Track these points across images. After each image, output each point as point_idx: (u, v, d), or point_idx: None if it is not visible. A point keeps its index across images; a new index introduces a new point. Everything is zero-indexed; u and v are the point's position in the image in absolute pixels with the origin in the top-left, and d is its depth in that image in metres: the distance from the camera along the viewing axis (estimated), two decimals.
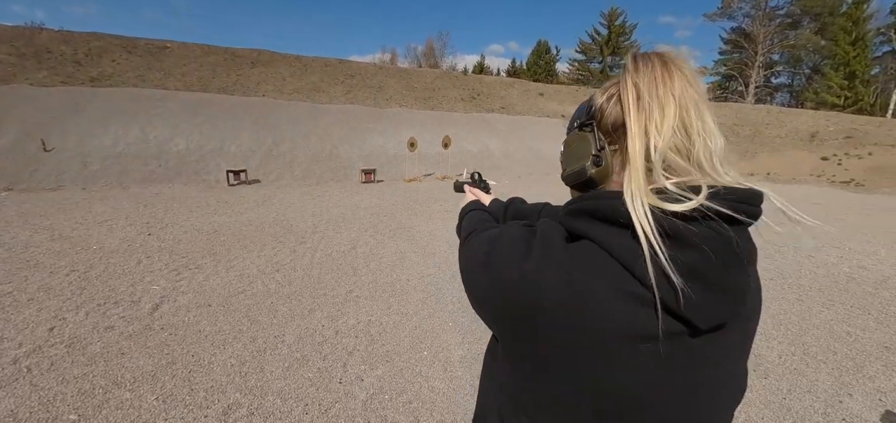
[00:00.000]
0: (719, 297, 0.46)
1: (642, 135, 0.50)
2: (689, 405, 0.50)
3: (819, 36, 34.40)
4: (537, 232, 0.54)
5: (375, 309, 3.44)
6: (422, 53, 51.33)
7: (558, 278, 0.47)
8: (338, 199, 8.96)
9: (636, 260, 0.45)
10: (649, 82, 0.51)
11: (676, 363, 0.47)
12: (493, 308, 0.55)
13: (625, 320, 0.46)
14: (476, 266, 0.58)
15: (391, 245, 5.39)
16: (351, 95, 19.42)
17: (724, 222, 0.45)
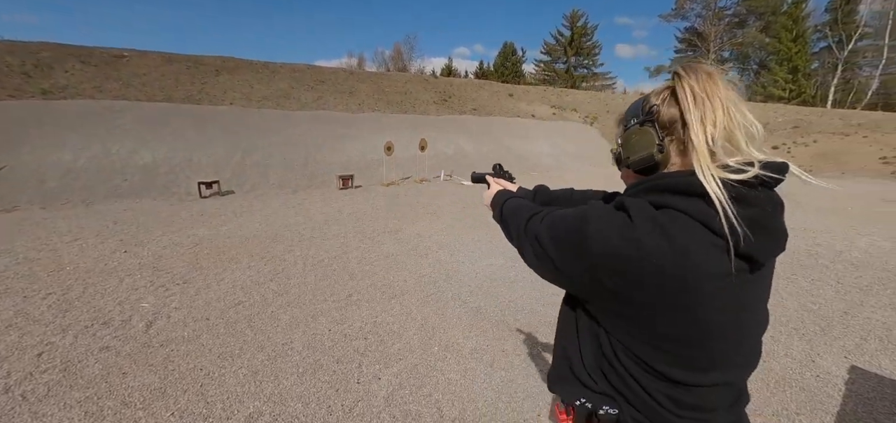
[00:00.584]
0: (773, 239, 0.64)
1: (701, 125, 0.64)
2: (752, 323, 0.69)
3: (764, 34, 36.91)
4: (626, 205, 0.67)
5: (378, 311, 3.48)
6: (390, 57, 51.12)
7: (660, 240, 0.62)
8: (319, 206, 8.85)
9: (713, 219, 0.61)
10: (701, 86, 0.66)
11: (743, 291, 0.65)
12: (593, 271, 0.67)
13: (712, 263, 0.62)
14: (573, 238, 0.71)
15: (381, 248, 5.42)
16: (322, 101, 19.13)
17: (769, 185, 0.62)
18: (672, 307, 0.64)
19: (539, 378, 2.53)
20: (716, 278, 0.62)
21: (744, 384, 0.74)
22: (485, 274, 4.42)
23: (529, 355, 2.81)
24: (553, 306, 3.62)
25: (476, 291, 3.95)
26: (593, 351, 0.76)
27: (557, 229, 0.75)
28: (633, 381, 0.71)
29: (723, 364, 0.68)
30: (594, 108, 27.33)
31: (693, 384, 0.68)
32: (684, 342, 0.66)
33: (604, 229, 0.66)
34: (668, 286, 0.62)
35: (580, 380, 0.79)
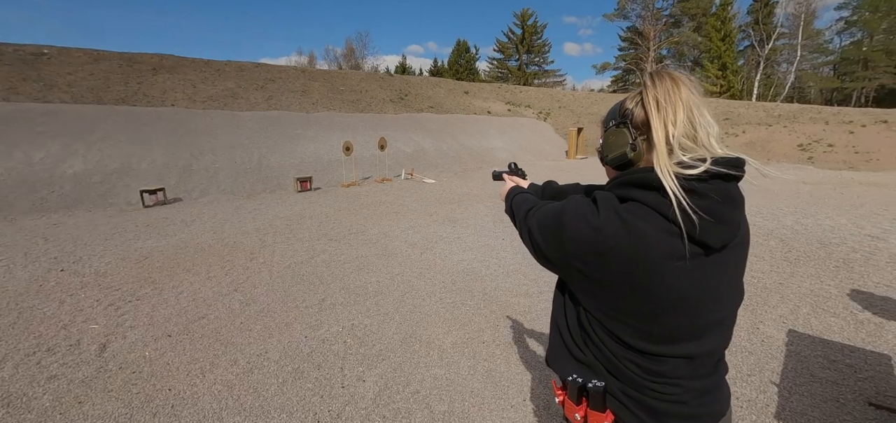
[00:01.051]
0: (724, 226, 0.71)
1: (663, 128, 0.73)
2: (708, 302, 0.76)
3: (697, 33, 39.89)
4: (596, 199, 0.78)
5: (355, 313, 3.44)
6: (342, 55, 49.90)
7: (619, 226, 0.72)
8: (277, 210, 8.51)
9: (668, 209, 0.69)
10: (664, 93, 0.74)
11: (698, 273, 0.73)
12: (568, 256, 0.78)
13: (665, 247, 0.70)
14: (553, 227, 0.82)
15: (349, 251, 5.33)
16: (273, 101, 18.34)
17: (722, 179, 0.70)
18: (631, 286, 0.73)
19: (521, 365, 2.63)
20: (669, 260, 0.71)
21: (713, 355, 0.81)
22: (457, 270, 4.49)
23: (509, 343, 2.91)
24: (525, 296, 3.76)
25: (450, 287, 4.00)
26: (576, 325, 0.87)
27: (544, 221, 0.85)
28: (607, 351, 0.81)
29: (680, 338, 0.76)
30: (547, 104, 28.27)
31: (655, 353, 0.77)
32: (644, 317, 0.75)
33: (575, 219, 0.77)
34: (628, 268, 0.72)
35: (570, 351, 0.89)
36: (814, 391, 2.37)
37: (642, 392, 0.79)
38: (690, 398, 0.79)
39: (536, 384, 2.43)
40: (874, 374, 2.54)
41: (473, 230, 6.27)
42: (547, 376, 2.52)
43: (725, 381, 0.87)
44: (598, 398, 0.82)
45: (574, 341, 0.88)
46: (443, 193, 10.36)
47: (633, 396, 0.80)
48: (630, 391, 0.80)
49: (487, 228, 6.46)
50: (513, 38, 47.88)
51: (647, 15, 41.97)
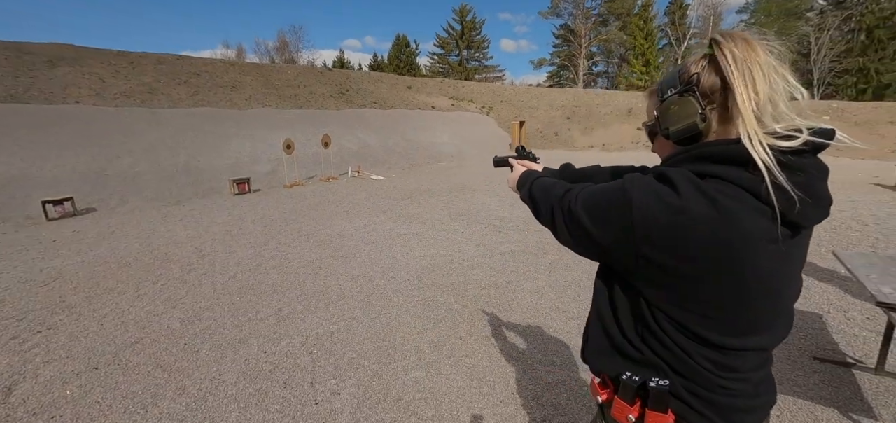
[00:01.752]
0: (820, 205, 0.65)
1: (746, 90, 0.64)
2: (788, 287, 0.71)
3: (622, 32, 42.79)
4: (670, 175, 0.67)
5: (318, 321, 3.19)
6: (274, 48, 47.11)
7: (707, 207, 0.62)
8: (213, 215, 7.78)
9: (758, 186, 0.61)
10: (742, 52, 0.65)
11: (786, 255, 0.66)
12: (636, 241, 0.67)
13: (756, 228, 0.62)
14: (615, 207, 0.70)
15: (302, 254, 4.98)
16: (200, 97, 16.80)
17: (816, 151, 0.63)
18: (719, 273, 0.64)
19: (503, 358, 2.58)
20: (762, 244, 0.63)
21: (779, 343, 0.77)
22: (421, 266, 4.36)
23: (487, 337, 2.85)
24: (494, 287, 3.73)
25: (417, 283, 3.87)
26: (633, 322, 0.77)
27: (597, 202, 0.74)
28: (677, 348, 0.71)
29: (763, 328, 0.71)
30: (489, 98, 28.80)
31: (736, 348, 0.70)
32: (729, 307, 0.67)
33: (648, 201, 0.66)
34: (717, 253, 0.63)
35: (622, 352, 0.79)
36: None
37: (712, 390, 0.72)
38: (754, 390, 0.74)
39: (521, 376, 2.39)
40: (813, 331, 2.82)
41: (431, 225, 6.16)
42: (530, 366, 2.49)
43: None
44: (662, 398, 0.73)
45: (626, 337, 0.78)
46: (393, 189, 10.12)
47: (700, 394, 0.72)
48: (698, 389, 0.72)
49: (445, 222, 6.38)
50: (453, 34, 48.17)
51: (578, 13, 44.27)
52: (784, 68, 0.66)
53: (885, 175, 10.68)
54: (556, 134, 23.81)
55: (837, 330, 2.85)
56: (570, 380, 2.34)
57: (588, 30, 44.10)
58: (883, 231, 5.42)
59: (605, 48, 46.17)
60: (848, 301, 3.29)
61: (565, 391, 2.25)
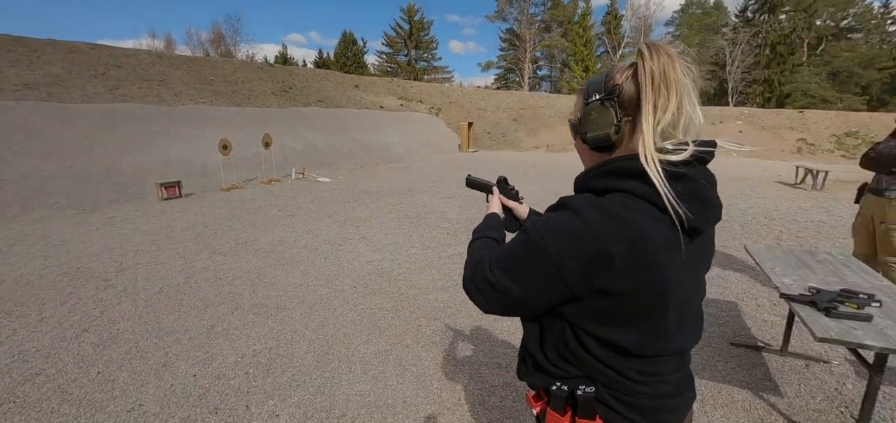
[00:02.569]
0: (710, 209, 0.70)
1: (653, 112, 0.67)
2: (694, 291, 0.77)
3: (564, 38, 44.86)
4: (569, 205, 0.71)
5: (256, 337, 2.99)
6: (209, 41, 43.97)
7: (609, 222, 0.65)
8: (137, 223, 7.08)
9: (655, 196, 0.65)
10: (660, 69, 0.67)
11: (690, 260, 0.71)
12: (567, 284, 0.69)
13: (658, 235, 0.66)
14: (532, 259, 0.71)
15: (239, 264, 4.66)
16: (120, 91, 15.25)
17: (703, 161, 0.69)
18: (636, 284, 0.67)
19: (450, 364, 2.57)
20: (666, 250, 0.66)
21: (694, 343, 0.82)
22: (368, 272, 4.25)
23: (434, 343, 2.83)
24: (441, 291, 3.73)
25: (363, 291, 3.76)
26: (557, 345, 0.79)
27: (511, 264, 0.75)
28: (601, 364, 0.74)
29: (679, 332, 0.74)
30: (438, 99, 28.94)
31: (657, 354, 0.74)
32: (649, 316, 0.70)
33: (558, 240, 0.68)
34: (627, 263, 0.65)
35: (548, 372, 0.81)
36: None
37: (636, 395, 0.75)
38: (675, 390, 0.79)
39: (468, 381, 2.40)
40: (730, 318, 3.10)
41: (379, 229, 6.04)
42: (476, 370, 2.51)
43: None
44: (588, 405, 0.76)
45: (550, 361, 0.80)
46: (340, 191, 9.84)
47: (625, 400, 0.76)
48: (623, 396, 0.76)
49: (393, 224, 6.29)
50: (401, 33, 47.83)
51: (522, 19, 45.78)
52: (694, 93, 0.69)
53: (785, 174, 12.11)
54: (503, 135, 24.43)
55: (750, 317, 3.16)
56: (516, 382, 2.39)
57: (532, 35, 45.75)
58: (785, 224, 6.13)
59: (548, 53, 48.16)
60: (758, 289, 3.66)
61: (510, 394, 2.29)
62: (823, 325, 1.56)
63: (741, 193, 8.95)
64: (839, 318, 1.62)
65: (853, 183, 10.42)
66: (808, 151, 19.24)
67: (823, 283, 2.03)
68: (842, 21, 36.94)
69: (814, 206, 7.69)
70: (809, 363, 2.51)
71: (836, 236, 5.54)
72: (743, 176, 12.02)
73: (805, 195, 8.84)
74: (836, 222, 6.32)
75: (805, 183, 10.16)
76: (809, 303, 1.73)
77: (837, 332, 1.51)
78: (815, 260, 2.39)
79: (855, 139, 19.79)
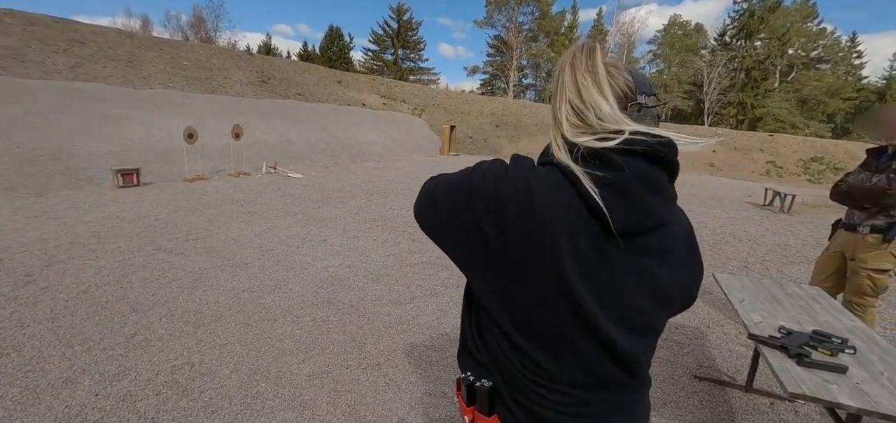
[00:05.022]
0: (634, 208, 0.62)
1: (559, 97, 0.68)
2: (607, 299, 0.64)
3: (550, 49, 45.36)
4: (513, 160, 0.69)
5: (179, 350, 2.66)
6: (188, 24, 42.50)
7: (521, 182, 0.63)
8: (83, 212, 6.55)
9: (575, 180, 0.61)
10: (560, 65, 0.69)
11: (597, 262, 0.63)
12: (472, 217, 0.66)
13: (566, 219, 0.61)
14: (461, 186, 0.70)
15: (183, 264, 4.29)
16: (83, 69, 14.41)
17: (641, 158, 0.61)
18: (522, 256, 0.63)
19: (390, 391, 2.31)
20: (567, 235, 0.61)
21: (623, 365, 0.69)
22: (322, 278, 3.95)
23: (377, 365, 2.57)
24: (396, 304, 3.47)
25: (311, 300, 3.47)
26: (476, 322, 0.77)
27: (450, 185, 0.73)
28: (494, 345, 0.72)
29: (568, 334, 0.66)
30: (422, 100, 28.67)
31: (540, 349, 0.68)
32: (530, 302, 0.66)
33: (487, 173, 0.68)
34: (522, 228, 0.62)
35: (469, 351, 0.79)
36: (653, 372, 2.62)
37: (528, 396, 0.70)
38: (589, 413, 0.69)
39: (407, 413, 2.15)
40: (695, 348, 2.95)
41: (342, 231, 5.74)
42: (419, 400, 2.26)
43: (645, 401, 0.77)
44: (484, 398, 0.73)
45: (473, 337, 0.78)
46: (310, 188, 9.46)
47: (519, 399, 0.71)
48: (516, 394, 0.71)
49: (359, 227, 5.99)
50: (389, 31, 47.40)
51: (511, 27, 46.07)
52: (594, 89, 0.65)
53: (755, 195, 12.36)
54: (484, 141, 24.37)
55: (715, 347, 3.03)
56: (459, 416, 2.15)
57: (519, 43, 46.10)
58: (753, 247, 6.14)
59: (534, 62, 48.60)
60: (725, 317, 3.55)
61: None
62: (795, 376, 1.39)
63: (712, 213, 9.02)
64: (812, 368, 1.45)
65: (817, 207, 10.71)
66: (776, 174, 19.85)
67: (794, 321, 1.88)
68: (812, 52, 38.66)
69: (781, 228, 7.79)
70: (774, 402, 2.37)
71: (802, 261, 5.56)
72: (715, 195, 12.20)
73: (773, 217, 8.98)
74: (802, 246, 6.38)
75: (773, 205, 10.36)
76: (780, 347, 1.56)
77: (811, 386, 1.34)
78: (785, 293, 2.25)
79: (820, 165, 20.56)
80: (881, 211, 2.37)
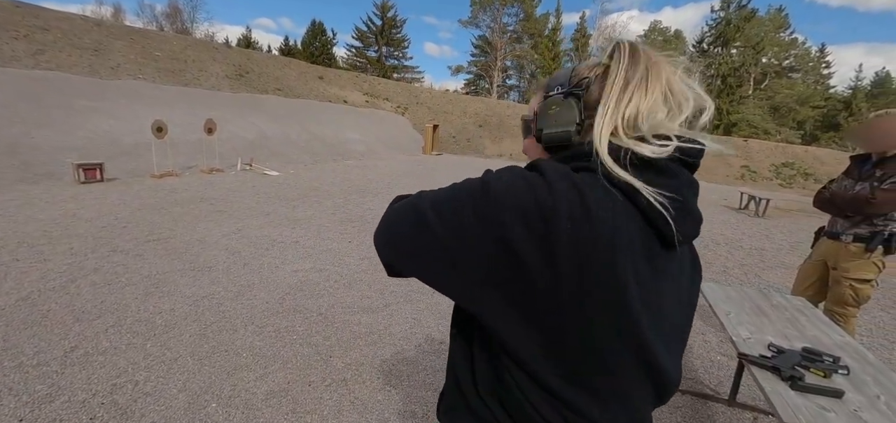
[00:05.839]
0: (690, 216, 0.57)
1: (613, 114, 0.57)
2: (655, 317, 0.56)
3: (534, 50, 45.63)
4: (536, 166, 0.56)
5: (123, 365, 2.41)
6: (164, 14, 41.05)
7: (573, 193, 0.51)
8: (37, 209, 6.11)
9: (633, 190, 0.53)
10: (639, 76, 0.58)
11: (651, 276, 0.55)
12: (498, 241, 0.52)
13: (626, 231, 0.52)
14: (468, 193, 0.56)
15: (141, 266, 3.98)
16: (45, 57, 13.66)
17: (684, 165, 0.57)
18: (578, 285, 0.51)
19: (355, 410, 2.13)
20: (631, 253, 0.52)
21: (658, 390, 0.61)
22: (290, 283, 3.72)
23: (342, 381, 2.37)
24: (368, 311, 3.28)
25: (276, 308, 3.24)
26: (489, 374, 0.62)
27: (448, 197, 0.58)
28: (525, 403, 0.57)
29: (634, 373, 0.57)
30: (405, 99, 28.38)
31: (598, 402, 0.57)
32: (601, 342, 0.54)
33: (512, 182, 0.54)
34: (582, 255, 0.50)
35: (471, 410, 0.64)
36: None
37: None
38: None
39: None
40: None
41: (317, 232, 5.49)
42: (386, 421, 2.08)
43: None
44: None
45: (479, 394, 0.62)
46: (286, 187, 9.14)
47: None
48: None
49: (334, 228, 5.76)
50: (373, 28, 46.84)
51: (495, 27, 46.16)
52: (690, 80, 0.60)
53: (731, 198, 12.61)
54: (468, 140, 24.28)
55: (698, 356, 2.95)
56: None
57: (503, 44, 46.26)
58: (731, 251, 6.19)
59: (518, 63, 48.85)
60: (706, 324, 3.49)
61: None
62: (791, 404, 1.27)
63: None
64: (807, 393, 1.34)
65: (790, 212, 10.99)
66: (751, 178, 20.41)
67: (781, 335, 1.79)
68: (784, 60, 40.07)
69: (756, 232, 7.91)
70: (758, 417, 2.29)
71: (777, 266, 5.61)
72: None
73: (748, 221, 9.13)
74: (777, 251, 6.46)
75: (748, 208, 10.57)
76: (772, 368, 1.45)
77: (807, 415, 1.22)
78: (770, 305, 2.16)
79: (790, 170, 21.24)
80: (864, 220, 2.31)
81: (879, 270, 2.34)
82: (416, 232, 0.58)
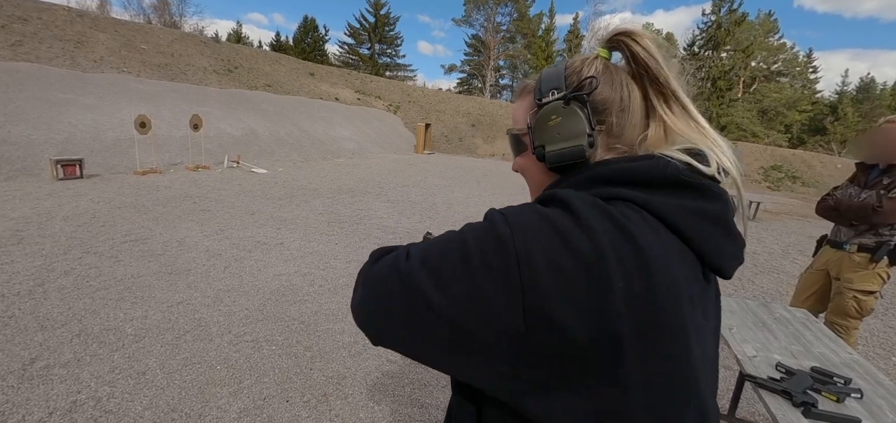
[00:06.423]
0: (736, 244, 0.50)
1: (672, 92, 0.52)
2: (707, 360, 0.48)
3: (527, 50, 45.66)
4: (560, 198, 0.44)
5: (86, 379, 2.24)
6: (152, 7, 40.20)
7: (618, 237, 0.40)
8: (10, 206, 5.84)
9: (682, 217, 0.45)
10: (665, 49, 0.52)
11: (703, 320, 0.47)
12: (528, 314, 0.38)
13: (680, 274, 0.43)
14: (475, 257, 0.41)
15: (114, 269, 3.79)
16: (24, 49, 13.23)
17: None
18: (641, 347, 0.39)
19: None
20: (687, 297, 0.43)
21: None
22: (271, 288, 3.56)
23: (322, 397, 2.23)
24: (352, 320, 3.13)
25: (256, 315, 3.08)
26: None
27: (444, 252, 0.44)
28: None
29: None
30: (397, 97, 28.16)
31: None
32: (659, 408, 0.42)
33: (532, 233, 0.40)
34: (636, 307, 0.39)
35: None
36: None
37: None
38: None
39: None
40: None
41: (303, 233, 5.32)
42: None
43: None
44: None
45: None
46: (274, 185, 8.93)
47: None
48: None
49: (321, 229, 5.59)
50: (365, 25, 46.47)
51: (489, 26, 46.08)
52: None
53: None
54: (460, 140, 24.17)
55: None
56: None
57: (497, 43, 46.23)
58: None
59: (511, 63, 48.84)
60: None
61: None
62: None
63: None
64: (821, 420, 1.24)
65: (779, 215, 11.06)
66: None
67: (787, 353, 1.69)
68: (773, 65, 40.62)
69: (748, 236, 7.90)
70: None
71: (770, 270, 5.59)
72: None
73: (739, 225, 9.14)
74: (769, 255, 6.45)
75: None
76: (782, 392, 1.35)
77: None
78: (773, 318, 2.07)
79: (779, 173, 21.49)
80: (870, 229, 2.23)
81: (884, 281, 2.26)
82: (408, 309, 0.44)
